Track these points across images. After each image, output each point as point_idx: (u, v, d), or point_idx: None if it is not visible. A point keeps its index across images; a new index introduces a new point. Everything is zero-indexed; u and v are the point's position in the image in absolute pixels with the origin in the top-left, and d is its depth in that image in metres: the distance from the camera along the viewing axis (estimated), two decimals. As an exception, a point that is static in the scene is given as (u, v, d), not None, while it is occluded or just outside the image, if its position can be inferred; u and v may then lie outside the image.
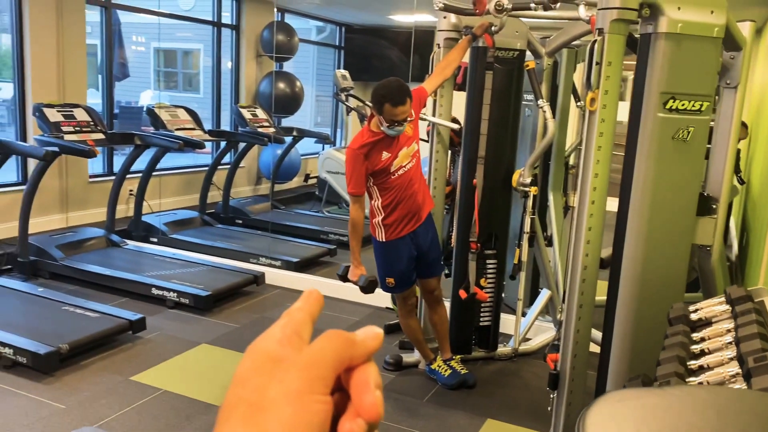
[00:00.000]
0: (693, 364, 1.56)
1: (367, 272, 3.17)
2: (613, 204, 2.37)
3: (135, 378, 3.24)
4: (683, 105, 2.24)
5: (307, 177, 8.22)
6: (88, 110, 5.00)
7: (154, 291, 4.28)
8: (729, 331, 1.61)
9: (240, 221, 6.42)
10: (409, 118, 2.95)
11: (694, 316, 1.74)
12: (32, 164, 5.02)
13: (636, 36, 2.37)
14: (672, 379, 1.43)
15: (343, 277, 3.21)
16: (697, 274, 3.33)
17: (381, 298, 4.38)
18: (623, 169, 2.35)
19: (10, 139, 5.16)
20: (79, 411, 2.92)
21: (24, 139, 5.36)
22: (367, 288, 3.15)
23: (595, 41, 2.23)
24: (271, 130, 6.61)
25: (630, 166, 2.32)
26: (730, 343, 1.56)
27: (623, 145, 2.38)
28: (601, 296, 2.47)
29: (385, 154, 2.98)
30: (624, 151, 2.36)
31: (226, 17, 7.46)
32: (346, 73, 6.74)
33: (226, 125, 7.53)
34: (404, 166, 3.02)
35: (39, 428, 2.76)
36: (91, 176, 5.97)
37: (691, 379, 1.50)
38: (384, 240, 3.10)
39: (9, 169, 5.01)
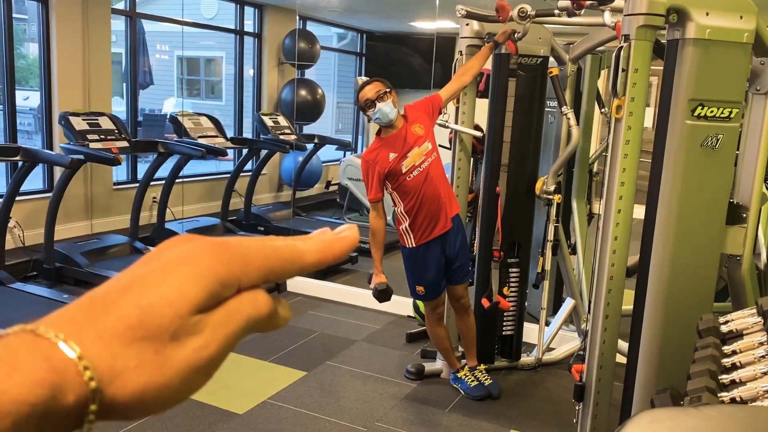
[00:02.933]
0: (724, 378, 1.52)
1: (405, 280, 3.16)
2: (639, 211, 2.33)
3: (158, 385, 3.25)
4: (712, 112, 2.19)
5: (328, 184, 8.23)
6: (113, 118, 5.06)
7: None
8: (761, 344, 1.57)
9: (262, 228, 6.45)
10: (384, 91, 2.98)
11: (724, 328, 1.70)
12: (58, 172, 5.09)
13: (663, 42, 2.33)
14: (703, 395, 1.39)
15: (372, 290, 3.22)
16: (725, 282, 3.27)
17: (402, 306, 4.36)
18: (650, 177, 2.31)
19: (37, 147, 5.23)
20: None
21: (50, 147, 5.44)
22: (378, 297, 3.15)
23: (621, 48, 2.20)
24: (293, 137, 6.63)
25: (657, 173, 2.28)
26: (763, 356, 1.52)
27: (648, 152, 2.34)
28: (627, 305, 2.43)
29: (392, 155, 2.99)
30: (650, 158, 2.32)
31: (249, 25, 7.52)
32: (367, 80, 6.74)
33: (248, 133, 7.57)
34: (418, 167, 3.01)
35: (63, 435, 2.78)
36: (115, 184, 6.03)
37: (723, 394, 1.46)
38: (414, 245, 3.09)
39: (35, 176, 5.08)
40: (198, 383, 0.34)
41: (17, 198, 4.62)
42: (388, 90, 3.00)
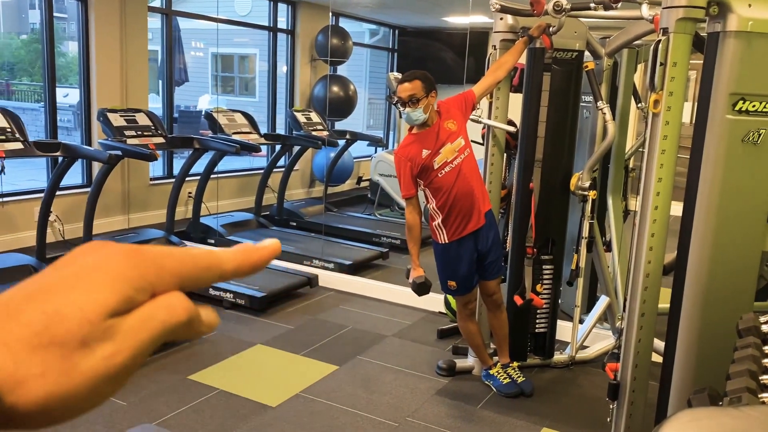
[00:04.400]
0: (765, 378, 1.48)
1: (432, 275, 3.16)
2: (676, 208, 2.29)
3: (193, 377, 3.31)
4: (754, 106, 2.14)
5: (359, 180, 8.26)
6: (150, 115, 5.15)
7: (212, 291, 4.37)
8: (805, 344, 1.53)
9: (294, 223, 6.50)
10: (415, 98, 2.93)
11: (765, 328, 1.66)
12: (96, 167, 5.20)
13: (702, 35, 2.28)
14: (743, 395, 1.36)
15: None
16: (766, 281, 3.18)
17: (434, 302, 4.36)
18: (688, 173, 2.27)
19: (76, 143, 5.35)
20: (139, 408, 2.99)
21: (89, 143, 5.56)
22: (417, 290, 3.14)
23: (659, 41, 2.15)
24: (325, 133, 6.66)
25: (696, 169, 2.23)
26: (806, 357, 1.48)
27: (686, 148, 2.30)
28: (663, 304, 2.39)
29: (425, 151, 2.98)
30: (688, 153, 2.28)
31: (282, 22, 7.57)
32: (399, 75, 6.72)
33: (281, 129, 7.63)
34: (450, 163, 3.00)
35: (101, 424, 2.85)
36: (151, 179, 6.14)
37: (764, 395, 1.43)
38: (447, 241, 3.09)
39: (74, 172, 5.20)
40: (108, 392, 0.32)
41: (57, 193, 4.73)
42: (423, 96, 2.95)
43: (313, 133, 6.52)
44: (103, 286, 0.32)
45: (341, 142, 7.12)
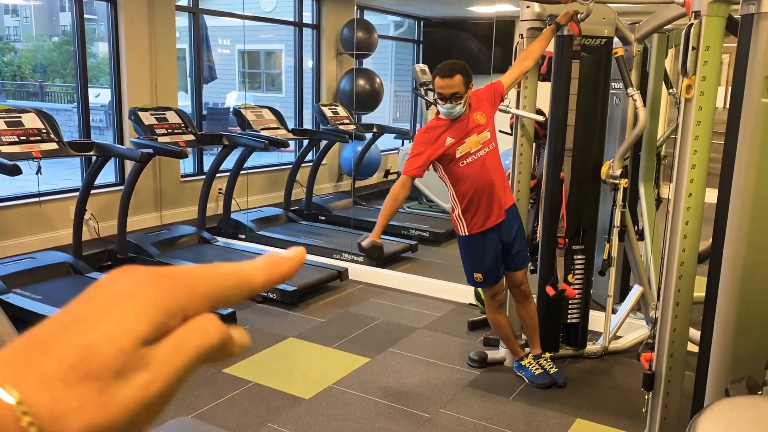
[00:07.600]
0: (806, 367, 1.46)
1: (458, 267, 3.13)
2: (711, 195, 2.25)
3: (227, 370, 3.36)
4: (790, 89, 2.09)
5: (387, 173, 8.26)
6: (179, 113, 5.21)
7: (243, 286, 4.42)
8: None
9: (323, 217, 6.53)
10: (458, 95, 2.89)
11: (806, 316, 1.63)
12: (129, 166, 5.28)
13: (736, 17, 2.23)
14: (784, 384, 1.34)
15: (360, 246, 3.08)
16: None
17: (464, 294, 4.35)
18: (723, 159, 2.22)
19: (109, 142, 5.45)
20: (175, 402, 3.02)
21: (121, 141, 5.65)
22: (367, 252, 2.99)
23: (691, 25, 2.11)
24: (352, 127, 6.68)
25: (730, 155, 2.18)
26: None
27: (719, 133, 2.25)
28: (699, 292, 2.35)
29: (449, 140, 2.96)
30: (721, 139, 2.23)
31: (307, 17, 7.59)
32: (425, 67, 6.70)
33: (308, 124, 7.67)
34: (473, 154, 2.97)
35: (140, 417, 2.91)
36: (182, 176, 6.22)
37: (805, 383, 1.40)
38: (466, 234, 3.08)
39: (108, 170, 5.29)
40: (147, 419, 0.33)
41: (92, 191, 4.82)
42: (464, 91, 2.91)
43: (340, 127, 6.54)
44: (134, 315, 0.32)
45: (368, 136, 7.12)
